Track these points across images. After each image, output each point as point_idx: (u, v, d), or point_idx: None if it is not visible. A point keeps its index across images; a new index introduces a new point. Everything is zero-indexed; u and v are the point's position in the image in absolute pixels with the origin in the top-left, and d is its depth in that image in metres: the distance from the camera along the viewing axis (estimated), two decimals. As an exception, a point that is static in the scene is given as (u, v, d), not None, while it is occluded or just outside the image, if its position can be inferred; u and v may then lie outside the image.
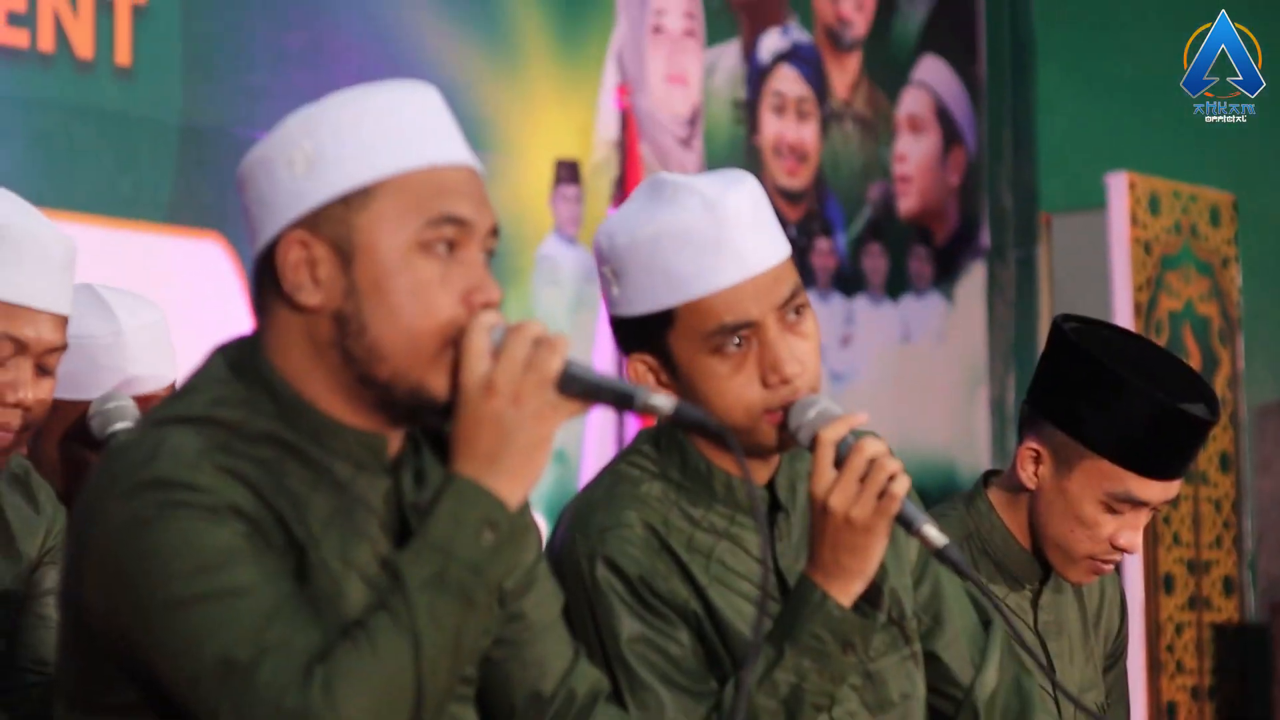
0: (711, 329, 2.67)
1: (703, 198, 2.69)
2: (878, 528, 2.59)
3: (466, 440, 2.19)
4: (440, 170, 2.25)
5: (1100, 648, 3.50)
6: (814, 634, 2.61)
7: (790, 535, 2.78)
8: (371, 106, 2.25)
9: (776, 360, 2.67)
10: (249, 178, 2.27)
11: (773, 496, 2.78)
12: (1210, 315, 7.95)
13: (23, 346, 2.91)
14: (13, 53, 5.22)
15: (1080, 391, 3.28)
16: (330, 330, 2.22)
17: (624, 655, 2.65)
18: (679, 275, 2.68)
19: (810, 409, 2.65)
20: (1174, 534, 7.70)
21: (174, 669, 2.11)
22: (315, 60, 5.86)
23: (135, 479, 2.14)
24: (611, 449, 6.47)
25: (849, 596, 2.62)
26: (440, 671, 2.13)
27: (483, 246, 2.26)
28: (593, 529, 2.69)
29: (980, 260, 8.43)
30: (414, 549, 2.16)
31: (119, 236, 5.35)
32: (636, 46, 6.98)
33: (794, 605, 2.64)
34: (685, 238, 2.69)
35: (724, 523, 2.75)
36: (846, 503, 2.57)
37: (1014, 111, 8.54)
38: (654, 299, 2.70)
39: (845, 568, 2.60)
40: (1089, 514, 3.29)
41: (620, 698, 2.64)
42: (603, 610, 2.66)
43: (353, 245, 2.21)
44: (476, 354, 2.20)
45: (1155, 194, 7.74)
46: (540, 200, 6.59)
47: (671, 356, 2.70)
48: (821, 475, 2.59)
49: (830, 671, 2.63)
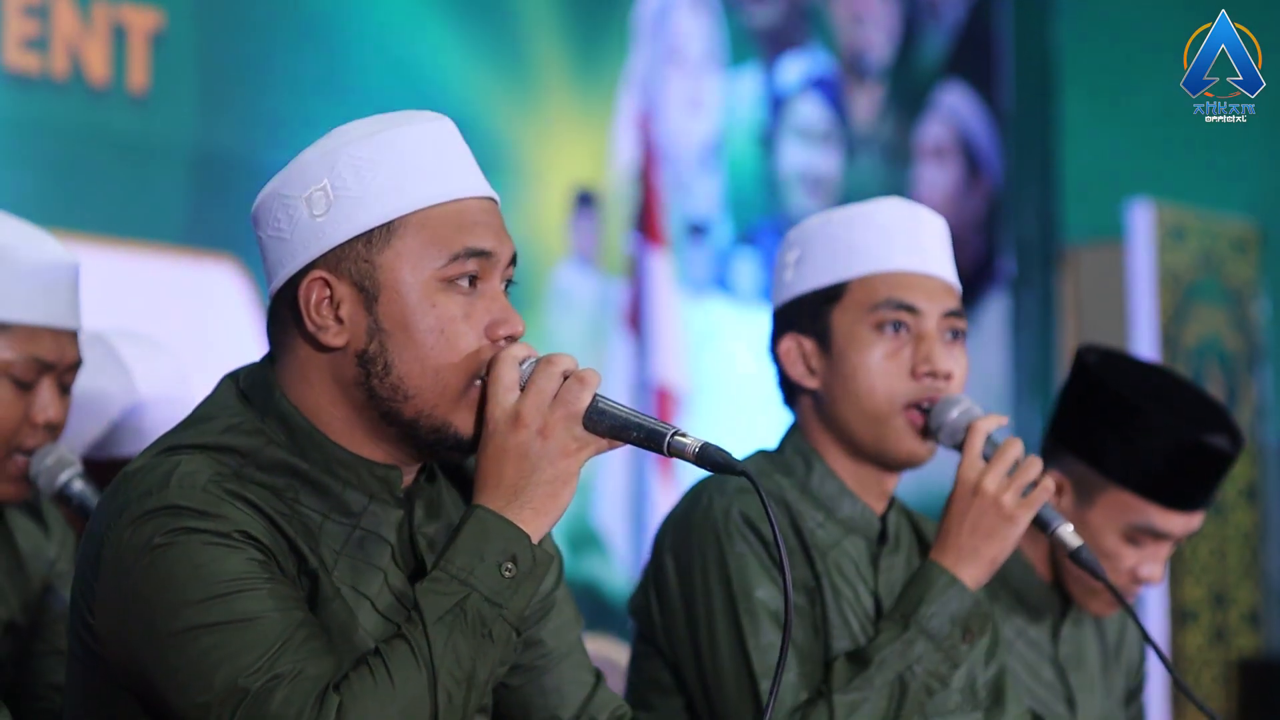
0: (879, 300, 2.80)
1: (904, 203, 2.87)
2: (1021, 518, 2.70)
3: (491, 472, 2.18)
4: (460, 204, 2.24)
5: (1121, 681, 3.49)
6: (937, 615, 2.71)
7: (890, 572, 2.86)
8: (389, 142, 2.23)
9: (931, 353, 2.79)
10: (266, 214, 2.25)
11: (882, 529, 2.87)
12: (1235, 346, 7.91)
13: (48, 367, 2.92)
14: (27, 78, 5.22)
15: (1102, 423, 3.27)
16: (354, 370, 2.22)
17: (755, 608, 2.73)
18: (862, 250, 2.82)
19: (955, 406, 2.78)
20: (1199, 567, 7.65)
21: (184, 697, 2.10)
22: (331, 87, 5.86)
23: (147, 505, 2.13)
24: (626, 478, 6.43)
25: (975, 583, 2.73)
26: (456, 703, 2.12)
27: (503, 277, 2.26)
28: (730, 487, 2.77)
29: (1002, 290, 8.40)
30: (434, 579, 2.15)
31: (133, 260, 5.36)
32: (655, 72, 6.95)
33: (919, 586, 2.73)
34: (878, 221, 2.84)
35: (839, 534, 2.84)
36: (999, 488, 2.70)
37: (1037, 139, 8.51)
38: (831, 272, 2.83)
39: (980, 553, 2.71)
40: (1110, 545, 3.28)
41: (743, 648, 2.72)
42: (736, 563, 2.74)
43: (376, 284, 2.21)
44: (505, 386, 2.19)
45: (1180, 224, 7.71)
46: (557, 226, 6.56)
47: (829, 332, 2.82)
48: (973, 461, 2.73)
49: (947, 655, 2.72)
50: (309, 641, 2.11)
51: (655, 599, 2.82)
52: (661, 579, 2.82)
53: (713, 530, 2.76)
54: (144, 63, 5.45)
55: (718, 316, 7.10)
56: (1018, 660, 3.28)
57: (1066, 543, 2.74)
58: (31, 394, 2.91)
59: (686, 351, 6.72)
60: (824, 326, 2.83)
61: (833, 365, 2.82)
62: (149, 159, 5.48)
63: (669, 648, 2.81)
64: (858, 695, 2.70)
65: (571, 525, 6.38)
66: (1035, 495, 2.72)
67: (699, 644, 2.76)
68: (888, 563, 2.85)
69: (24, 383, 2.90)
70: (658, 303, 6.47)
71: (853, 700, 2.69)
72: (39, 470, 2.96)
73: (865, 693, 2.70)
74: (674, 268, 6.81)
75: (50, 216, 4.56)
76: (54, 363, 2.92)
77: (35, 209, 4.08)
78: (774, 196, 7.47)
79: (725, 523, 2.76)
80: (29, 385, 2.91)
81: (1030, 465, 2.73)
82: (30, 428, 2.92)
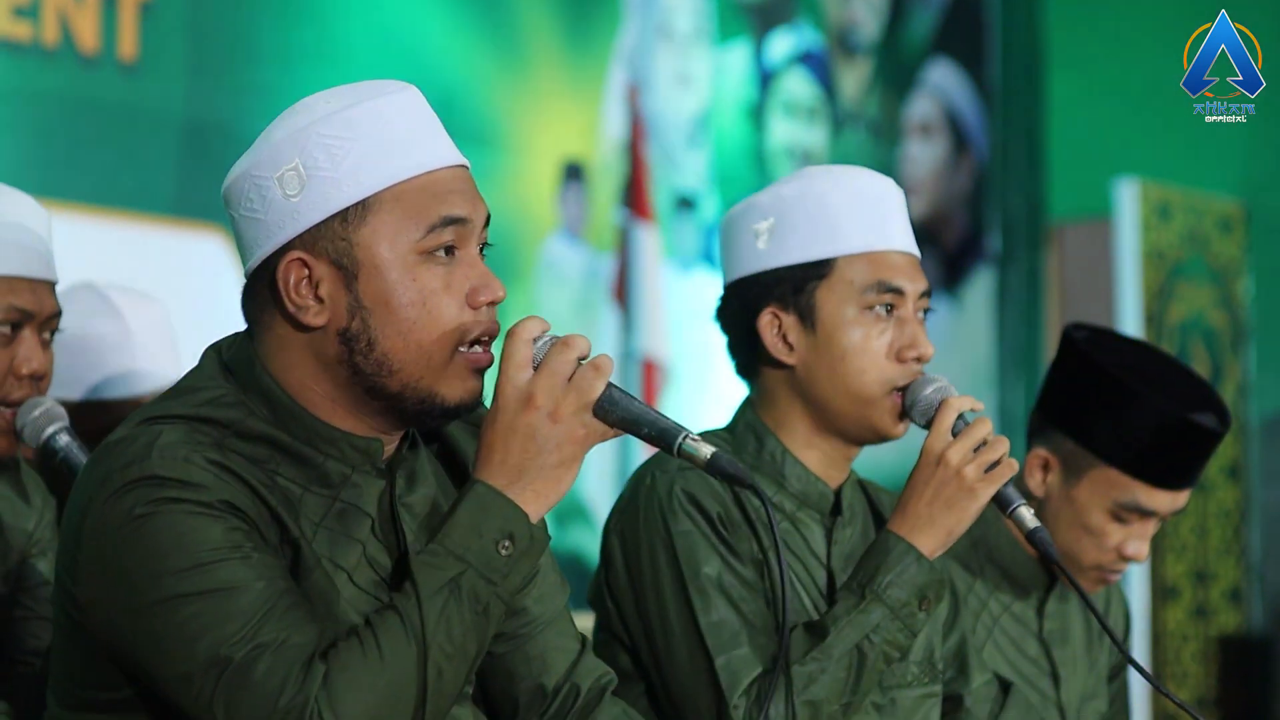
0: (870, 282, 2.80)
1: (872, 174, 2.86)
2: (981, 492, 2.71)
3: (497, 448, 2.17)
4: (433, 174, 2.24)
5: (1105, 657, 3.49)
6: (895, 584, 2.71)
7: (843, 544, 2.85)
8: (359, 119, 2.23)
9: (916, 337, 2.80)
10: (238, 194, 2.25)
11: (836, 502, 2.87)
12: (1220, 325, 7.92)
13: (28, 316, 2.93)
14: (17, 45, 5.21)
15: (1090, 401, 3.27)
16: (337, 348, 2.21)
17: (702, 582, 2.73)
18: (846, 228, 2.81)
19: (931, 384, 2.79)
20: (1180, 543, 7.67)
21: (167, 666, 2.10)
22: (320, 57, 5.85)
23: (129, 475, 2.13)
24: (612, 450, 6.44)
25: (932, 553, 2.73)
26: (446, 679, 2.12)
27: (479, 241, 2.25)
28: (672, 466, 2.76)
29: (988, 266, 8.41)
30: (430, 552, 2.14)
31: (121, 229, 5.35)
32: (644, 47, 6.96)
33: (876, 556, 2.73)
34: (858, 198, 2.83)
35: (791, 507, 2.84)
36: (963, 460, 2.71)
37: (1025, 117, 8.51)
38: (815, 248, 2.81)
39: (937, 522, 2.72)
40: (1097, 523, 3.28)
41: (694, 620, 2.72)
42: (681, 539, 2.74)
43: (355, 261, 2.20)
44: (518, 364, 2.18)
45: (1166, 202, 7.71)
46: (545, 199, 6.56)
47: (814, 310, 2.81)
48: (942, 434, 2.74)
49: (904, 624, 2.72)
50: (292, 611, 2.10)
51: (606, 584, 2.82)
52: (610, 563, 2.82)
53: (657, 509, 2.75)
54: (134, 32, 5.44)
55: (705, 290, 7.10)
56: (1002, 635, 3.29)
57: (1024, 523, 2.74)
58: (13, 346, 2.92)
59: (673, 325, 6.72)
60: (808, 303, 2.82)
61: (817, 344, 2.81)
62: (138, 128, 5.47)
63: (624, 632, 2.81)
64: (815, 666, 2.69)
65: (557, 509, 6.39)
66: (998, 471, 2.72)
67: (650, 625, 2.76)
68: (841, 535, 2.85)
69: (3, 334, 2.91)
70: (645, 276, 6.48)
71: (810, 671, 2.69)
72: (25, 422, 2.96)
73: (823, 663, 2.69)
74: (661, 241, 6.81)
75: (39, 185, 4.55)
76: (33, 311, 2.92)
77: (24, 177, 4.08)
78: (762, 171, 7.47)
79: (669, 501, 2.75)
80: (9, 337, 2.92)
81: (997, 443, 2.73)
82: (14, 379, 2.93)
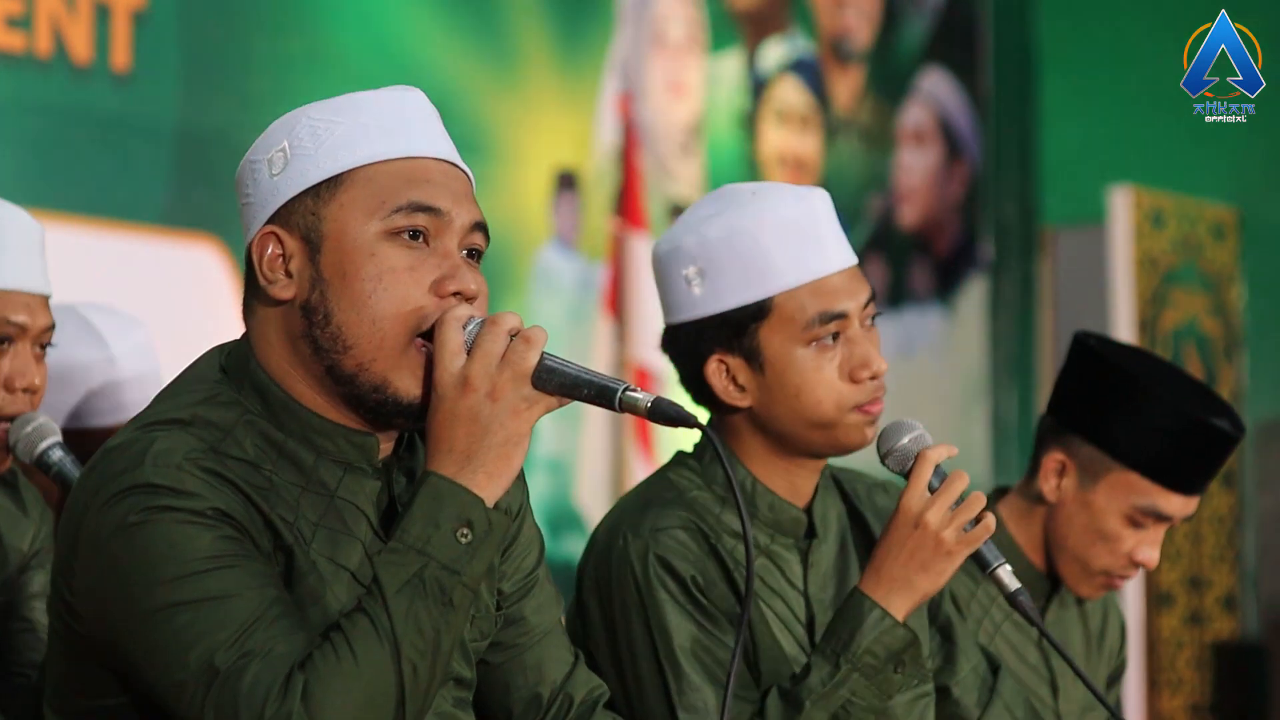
0: (810, 318, 2.73)
1: (794, 193, 2.77)
2: (959, 554, 2.67)
3: (442, 437, 2.16)
4: (415, 161, 2.23)
5: (1104, 667, 3.49)
6: (870, 650, 2.67)
7: (820, 565, 2.82)
8: (348, 104, 2.24)
9: (866, 356, 2.74)
10: (239, 183, 2.27)
11: (809, 523, 2.83)
12: (1213, 331, 7.92)
13: (22, 330, 2.92)
14: (10, 56, 5.21)
15: (1110, 405, 3.26)
16: (300, 321, 2.21)
17: (675, 655, 2.69)
18: (779, 264, 2.73)
19: (907, 433, 2.72)
20: (1175, 550, 7.67)
21: (159, 674, 2.10)
22: (313, 67, 5.85)
23: (123, 483, 2.13)
24: (607, 458, 6.44)
25: (904, 615, 2.68)
26: (421, 675, 2.11)
27: (463, 242, 2.24)
28: (644, 529, 2.73)
29: (981, 273, 8.41)
30: (391, 550, 2.13)
31: (114, 240, 5.34)
32: (637, 55, 6.96)
33: (848, 620, 2.69)
34: (786, 228, 2.74)
35: (765, 539, 2.79)
36: (941, 522, 2.65)
37: (1017, 124, 8.52)
38: (750, 290, 2.74)
39: (913, 585, 2.67)
40: (1112, 527, 3.28)
41: (668, 697, 2.69)
42: (654, 610, 2.70)
43: (320, 235, 2.20)
44: (451, 351, 2.17)
45: (1159, 209, 7.72)
46: (538, 209, 6.56)
47: (759, 352, 2.75)
48: (919, 491, 2.67)
49: (880, 688, 2.68)
50: (280, 619, 2.10)
51: (583, 637, 2.79)
52: (588, 622, 2.78)
53: (631, 576, 2.72)
54: (127, 42, 5.43)
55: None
56: (1004, 643, 3.28)
57: (1005, 584, 2.70)
58: (6, 360, 2.92)
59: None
60: (752, 345, 2.76)
61: (769, 384, 2.76)
62: (131, 139, 5.47)
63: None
64: None
65: (552, 506, 6.39)
66: (976, 532, 2.67)
67: (627, 688, 2.73)
68: (816, 556, 2.82)
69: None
70: (638, 285, 6.47)
71: None
72: (18, 437, 2.96)
73: None
74: (655, 250, 6.80)
75: (31, 196, 4.55)
76: (27, 325, 2.92)
77: (17, 188, 4.08)
78: (755, 179, 7.47)
79: (643, 568, 2.71)
80: (2, 351, 2.91)
81: (973, 501, 2.68)
82: (7, 394, 2.93)
